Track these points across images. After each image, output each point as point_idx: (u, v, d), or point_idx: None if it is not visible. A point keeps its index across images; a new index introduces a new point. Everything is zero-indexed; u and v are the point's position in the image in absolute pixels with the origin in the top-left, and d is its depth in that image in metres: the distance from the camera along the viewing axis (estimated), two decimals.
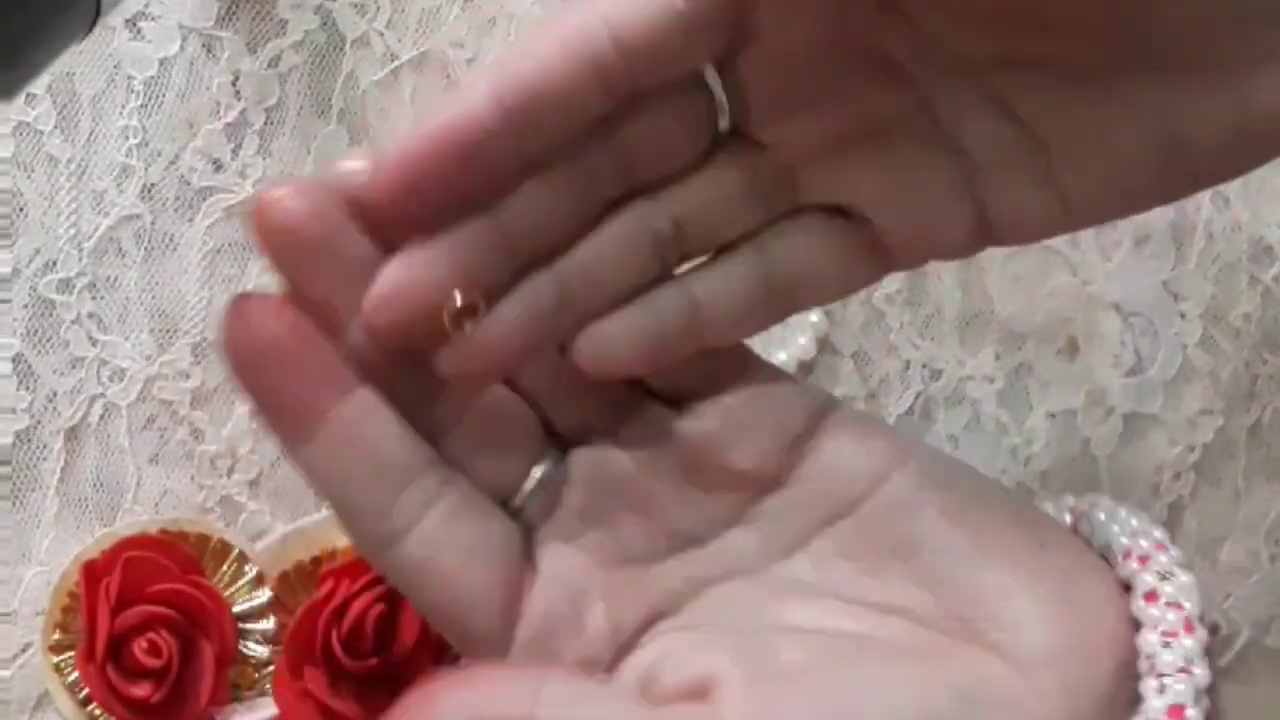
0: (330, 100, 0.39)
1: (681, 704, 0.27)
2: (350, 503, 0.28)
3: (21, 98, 0.37)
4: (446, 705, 0.26)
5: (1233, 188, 0.43)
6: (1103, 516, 0.30)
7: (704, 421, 0.30)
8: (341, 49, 0.39)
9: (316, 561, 0.39)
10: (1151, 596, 0.27)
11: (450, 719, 0.26)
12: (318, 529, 0.39)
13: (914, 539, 0.29)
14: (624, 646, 0.29)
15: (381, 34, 0.39)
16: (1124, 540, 0.29)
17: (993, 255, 0.42)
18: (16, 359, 0.38)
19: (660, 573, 0.30)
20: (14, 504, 0.39)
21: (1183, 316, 0.43)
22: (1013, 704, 0.26)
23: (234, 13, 0.38)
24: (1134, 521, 0.29)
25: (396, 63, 0.39)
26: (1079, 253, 0.42)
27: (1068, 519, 0.31)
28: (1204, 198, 0.42)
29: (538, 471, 0.30)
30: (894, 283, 0.41)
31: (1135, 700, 0.27)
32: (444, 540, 0.29)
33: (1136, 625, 0.27)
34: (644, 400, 0.31)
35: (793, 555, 0.30)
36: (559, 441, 0.31)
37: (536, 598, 0.29)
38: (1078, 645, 0.27)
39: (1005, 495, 0.31)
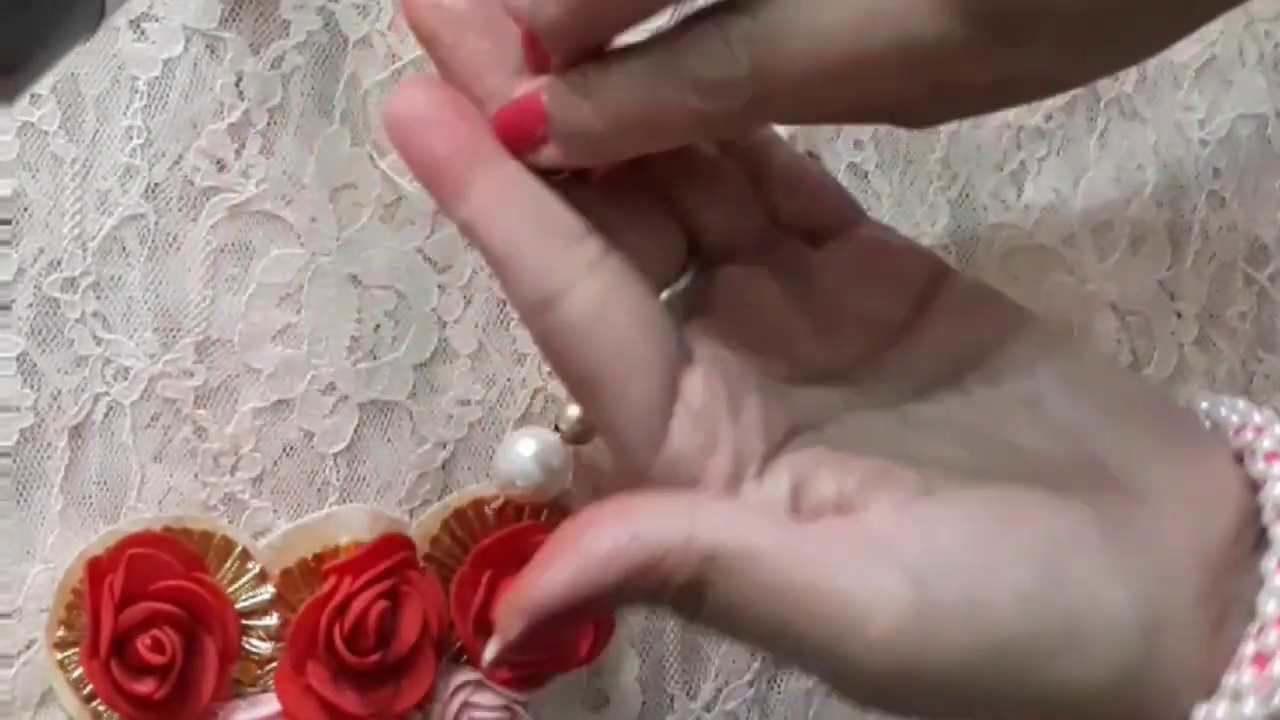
0: (333, 101, 0.39)
1: (830, 518, 0.27)
2: (512, 257, 0.28)
3: (26, 98, 0.37)
4: (607, 529, 0.26)
5: (1229, 188, 0.43)
6: (1206, 405, 0.31)
7: (839, 261, 0.31)
8: (344, 50, 0.39)
9: (319, 558, 0.39)
10: (1273, 456, 0.28)
11: (611, 540, 0.26)
12: (320, 526, 0.39)
13: (1039, 395, 0.29)
14: (770, 452, 0.29)
15: (384, 35, 0.39)
16: (1235, 418, 0.29)
17: (991, 254, 0.42)
18: (21, 358, 0.38)
19: (798, 395, 0.30)
20: (18, 501, 0.39)
21: (1179, 315, 0.43)
22: (1149, 535, 0.27)
23: (237, 14, 0.38)
24: (1241, 404, 0.30)
25: (399, 64, 0.39)
26: (1076, 252, 0.42)
27: None
28: (1200, 198, 0.43)
29: (686, 276, 0.30)
30: None
31: (1257, 549, 0.27)
32: (608, 301, 0.28)
33: (1255, 486, 0.28)
34: (785, 233, 0.31)
35: (922, 400, 0.30)
36: (702, 260, 0.31)
37: (695, 380, 0.28)
38: (1203, 493, 0.28)
39: (1118, 366, 0.32)
